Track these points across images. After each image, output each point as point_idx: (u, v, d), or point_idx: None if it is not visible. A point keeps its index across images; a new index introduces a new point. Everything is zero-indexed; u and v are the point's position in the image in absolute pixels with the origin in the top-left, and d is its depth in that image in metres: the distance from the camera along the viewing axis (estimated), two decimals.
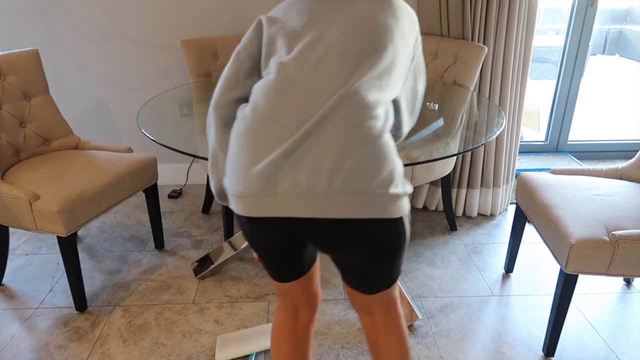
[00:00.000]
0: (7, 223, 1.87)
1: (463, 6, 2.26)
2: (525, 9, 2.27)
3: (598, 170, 1.96)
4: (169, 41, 2.60)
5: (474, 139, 1.57)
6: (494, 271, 2.18)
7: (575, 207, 1.66)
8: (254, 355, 1.72)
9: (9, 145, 2.02)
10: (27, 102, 2.10)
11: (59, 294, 2.02)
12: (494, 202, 2.61)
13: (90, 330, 1.83)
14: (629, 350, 1.75)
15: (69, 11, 2.52)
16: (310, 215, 0.95)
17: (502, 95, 2.39)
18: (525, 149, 3.24)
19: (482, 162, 2.51)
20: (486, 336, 1.81)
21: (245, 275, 2.14)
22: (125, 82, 2.69)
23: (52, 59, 2.62)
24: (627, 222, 1.57)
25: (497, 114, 1.83)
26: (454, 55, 2.29)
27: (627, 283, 2.09)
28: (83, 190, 1.82)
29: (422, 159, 1.44)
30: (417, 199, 2.67)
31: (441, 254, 2.30)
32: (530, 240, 2.41)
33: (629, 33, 6.59)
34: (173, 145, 1.59)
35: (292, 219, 0.97)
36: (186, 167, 2.92)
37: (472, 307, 1.95)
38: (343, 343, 1.77)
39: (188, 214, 2.63)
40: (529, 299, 2.00)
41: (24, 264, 2.22)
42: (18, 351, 1.74)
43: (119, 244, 2.37)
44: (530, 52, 2.37)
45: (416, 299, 2.00)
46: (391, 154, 0.98)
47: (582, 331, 1.83)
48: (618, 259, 1.51)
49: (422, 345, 1.76)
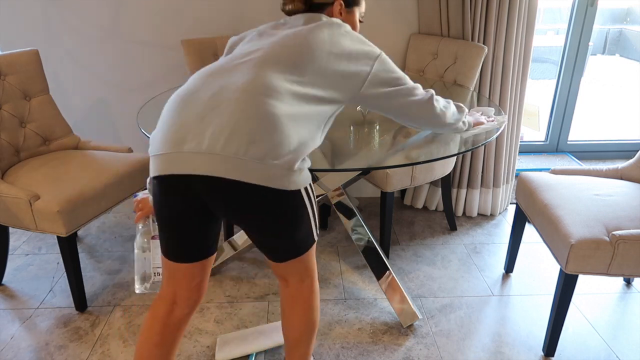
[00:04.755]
0: (7, 223, 1.87)
1: (463, 6, 2.26)
2: (525, 9, 2.27)
3: (598, 170, 1.96)
4: (169, 41, 2.60)
5: (474, 139, 1.57)
6: (494, 271, 2.18)
7: (575, 207, 1.66)
8: (254, 355, 1.72)
9: (9, 145, 2.02)
10: (27, 102, 2.10)
11: (59, 294, 2.02)
12: (494, 202, 2.61)
13: (90, 330, 1.83)
14: (629, 350, 1.75)
15: (69, 11, 2.52)
16: (206, 172, 1.05)
17: (502, 95, 2.39)
18: (525, 149, 3.24)
19: (482, 162, 2.51)
20: (486, 336, 1.81)
21: (245, 275, 2.14)
22: (125, 82, 2.69)
23: (52, 59, 2.62)
24: (627, 222, 1.57)
25: (497, 114, 1.83)
26: (454, 55, 2.29)
27: (627, 283, 2.09)
28: (83, 190, 1.82)
29: (422, 159, 1.44)
30: (417, 199, 2.67)
31: (441, 254, 2.30)
32: (530, 240, 2.41)
33: (629, 33, 6.59)
34: None
35: (193, 176, 1.07)
36: None
37: (472, 307, 1.95)
38: (343, 343, 1.77)
39: None
40: (529, 299, 2.00)
41: (24, 264, 2.22)
42: (18, 351, 1.74)
43: (119, 244, 2.37)
44: (530, 52, 2.37)
45: (416, 299, 2.00)
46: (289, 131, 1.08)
47: (582, 331, 1.83)
48: (618, 259, 1.51)
49: (422, 345, 1.76)
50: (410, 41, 2.44)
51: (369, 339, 1.79)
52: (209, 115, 1.08)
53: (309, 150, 1.14)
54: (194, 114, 1.09)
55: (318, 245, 2.36)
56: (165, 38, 2.59)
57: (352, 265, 2.22)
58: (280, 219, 1.14)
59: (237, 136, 1.05)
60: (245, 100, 1.08)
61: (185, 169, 1.07)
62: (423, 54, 2.40)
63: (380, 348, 1.75)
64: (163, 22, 2.56)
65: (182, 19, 2.56)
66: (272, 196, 1.09)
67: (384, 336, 1.80)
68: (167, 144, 1.09)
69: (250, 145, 1.04)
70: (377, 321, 1.88)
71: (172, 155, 1.08)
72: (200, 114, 1.08)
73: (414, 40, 2.43)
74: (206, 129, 1.06)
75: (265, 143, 1.05)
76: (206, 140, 1.05)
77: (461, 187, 2.56)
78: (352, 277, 2.13)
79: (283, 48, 1.17)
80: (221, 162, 1.05)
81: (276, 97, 1.10)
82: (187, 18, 2.56)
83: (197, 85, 1.15)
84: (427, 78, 2.37)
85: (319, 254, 2.29)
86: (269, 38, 1.24)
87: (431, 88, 1.45)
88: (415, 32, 2.47)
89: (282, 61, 1.15)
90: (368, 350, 1.74)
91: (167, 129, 1.11)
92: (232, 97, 1.09)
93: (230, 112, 1.07)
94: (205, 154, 1.05)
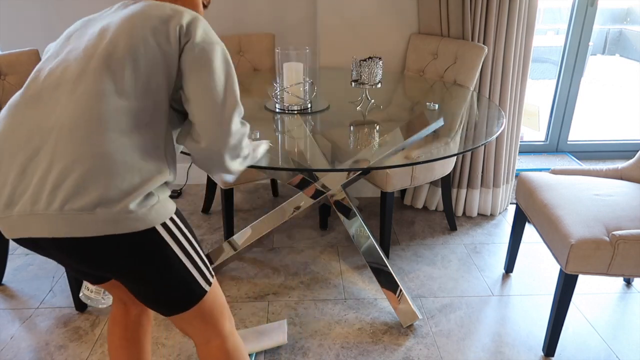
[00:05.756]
0: None
1: (463, 6, 2.26)
2: (525, 9, 2.27)
3: (598, 170, 1.96)
4: None
5: (474, 139, 1.57)
6: (494, 271, 2.18)
7: (575, 207, 1.66)
8: (254, 355, 1.72)
9: None
10: None
11: (59, 294, 2.02)
12: (494, 202, 2.61)
13: (90, 330, 1.83)
14: (629, 350, 1.75)
15: (69, 11, 2.52)
16: (38, 235, 0.91)
17: (502, 95, 2.39)
18: (525, 149, 3.24)
19: (482, 162, 2.51)
20: (486, 336, 1.81)
21: (245, 275, 2.14)
22: None
23: None
24: (627, 222, 1.57)
25: (497, 114, 1.83)
26: (454, 55, 2.29)
27: (627, 283, 2.09)
28: None
29: (422, 159, 1.44)
30: (417, 199, 2.67)
31: (441, 254, 2.30)
32: (530, 240, 2.41)
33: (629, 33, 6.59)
34: None
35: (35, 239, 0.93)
36: (186, 167, 2.92)
37: (472, 307, 1.95)
38: (343, 343, 1.77)
39: (188, 214, 2.63)
40: (529, 299, 2.00)
41: (24, 264, 2.22)
42: (18, 351, 1.74)
43: None
44: (530, 52, 2.37)
45: (416, 299, 2.00)
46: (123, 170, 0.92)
47: (582, 331, 1.83)
48: (618, 259, 1.51)
49: (422, 345, 1.76)
50: (410, 41, 2.44)
51: (369, 339, 1.79)
52: (29, 167, 0.91)
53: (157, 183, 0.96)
54: (14, 166, 0.92)
55: (318, 245, 2.36)
56: None
57: (352, 265, 2.22)
58: (139, 266, 0.97)
59: (60, 190, 0.89)
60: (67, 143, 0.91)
61: (21, 233, 0.92)
62: (423, 54, 2.40)
63: (380, 348, 1.75)
64: None
65: None
66: (119, 243, 0.93)
67: (384, 336, 1.80)
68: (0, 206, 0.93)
69: (77, 198, 0.88)
70: (377, 321, 1.88)
71: (6, 220, 0.92)
72: (21, 167, 0.92)
73: (414, 40, 2.43)
74: (28, 185, 0.91)
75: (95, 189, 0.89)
76: (31, 200, 0.90)
77: (461, 187, 2.56)
78: (352, 277, 2.13)
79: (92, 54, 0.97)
80: (49, 222, 0.89)
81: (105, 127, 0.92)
82: None
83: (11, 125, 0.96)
84: (427, 78, 2.37)
85: (318, 254, 2.29)
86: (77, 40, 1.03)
87: (431, 88, 1.45)
88: (415, 32, 2.47)
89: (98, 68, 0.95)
90: (368, 350, 1.74)
91: None
92: (50, 143, 0.91)
93: (49, 163, 0.90)
94: (33, 215, 0.90)
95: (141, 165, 0.94)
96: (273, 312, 1.93)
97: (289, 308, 1.94)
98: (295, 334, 1.81)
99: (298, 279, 2.11)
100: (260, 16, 2.58)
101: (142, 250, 0.95)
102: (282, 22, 2.60)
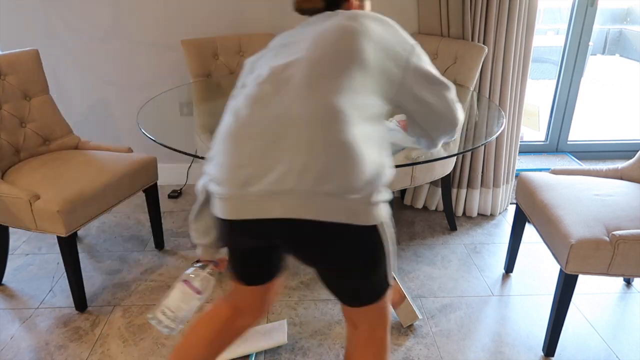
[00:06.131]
0: (7, 223, 1.87)
1: (463, 6, 2.26)
2: (525, 9, 2.27)
3: (598, 170, 1.96)
4: (169, 41, 2.60)
5: (474, 139, 1.57)
6: (494, 271, 2.18)
7: (575, 207, 1.66)
8: (254, 355, 1.72)
9: (9, 145, 2.02)
10: (27, 102, 2.10)
11: (59, 294, 2.03)
12: (494, 202, 2.61)
13: (90, 330, 1.83)
14: (629, 350, 1.75)
15: (69, 11, 2.52)
16: (279, 215, 0.96)
17: (502, 95, 2.39)
18: (525, 149, 3.24)
19: (482, 162, 2.51)
20: (486, 336, 1.81)
21: None
22: (125, 82, 2.69)
23: (52, 59, 2.62)
24: (627, 222, 1.57)
25: (497, 114, 1.83)
26: (454, 55, 2.29)
27: (627, 283, 2.09)
28: (83, 190, 1.82)
29: (422, 159, 1.44)
30: (417, 199, 2.67)
31: (441, 254, 2.30)
32: (530, 240, 2.41)
33: (629, 33, 6.59)
34: (173, 145, 1.59)
35: (265, 220, 0.97)
36: (186, 167, 2.92)
37: (472, 307, 1.95)
38: (343, 343, 1.77)
39: (188, 214, 2.63)
40: (529, 299, 2.00)
41: (24, 264, 2.22)
42: (18, 351, 1.74)
43: (119, 244, 2.37)
44: (530, 52, 2.37)
45: (416, 299, 2.00)
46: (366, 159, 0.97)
47: (582, 331, 1.83)
48: (618, 259, 1.51)
49: (422, 345, 1.76)
50: None
51: None
52: (272, 151, 0.97)
53: (385, 178, 1.02)
54: (252, 150, 0.98)
55: None
56: (165, 38, 2.59)
57: None
58: (359, 260, 1.03)
59: (309, 173, 0.94)
60: (312, 131, 0.96)
61: (255, 213, 0.97)
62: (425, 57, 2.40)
63: None
64: (163, 22, 2.56)
65: (182, 19, 2.56)
66: (351, 234, 0.98)
67: None
68: (230, 184, 0.99)
69: (325, 181, 0.94)
70: None
71: (239, 199, 0.98)
72: (261, 150, 0.98)
73: None
74: (272, 167, 0.96)
75: (341, 176, 0.94)
76: (275, 180, 0.95)
77: (461, 187, 2.56)
78: None
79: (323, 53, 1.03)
80: (294, 201, 0.94)
81: (343, 119, 0.97)
82: (187, 18, 2.56)
83: (245, 116, 1.03)
84: None
85: None
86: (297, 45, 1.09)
87: None
88: (415, 32, 2.47)
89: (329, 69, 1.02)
90: None
91: (227, 168, 1.01)
92: (296, 129, 0.97)
93: (297, 147, 0.96)
94: (276, 194, 0.95)
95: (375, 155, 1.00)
96: (273, 312, 1.93)
97: (289, 308, 1.94)
98: (295, 334, 1.81)
99: (298, 279, 2.11)
100: (260, 16, 2.58)
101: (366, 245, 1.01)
102: (282, 22, 2.60)
